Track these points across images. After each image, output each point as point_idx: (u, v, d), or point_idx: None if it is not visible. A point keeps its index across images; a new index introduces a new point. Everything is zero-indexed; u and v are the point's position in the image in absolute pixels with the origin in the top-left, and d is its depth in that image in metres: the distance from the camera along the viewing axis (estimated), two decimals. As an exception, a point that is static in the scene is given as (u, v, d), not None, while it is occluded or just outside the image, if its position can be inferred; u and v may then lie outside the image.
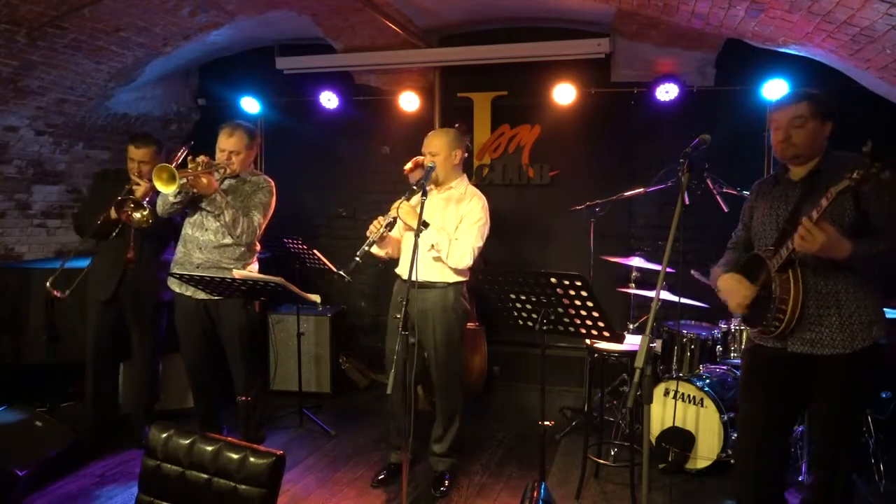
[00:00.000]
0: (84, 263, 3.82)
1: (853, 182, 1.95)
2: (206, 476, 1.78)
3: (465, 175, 3.44)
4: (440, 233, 3.17)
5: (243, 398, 3.38)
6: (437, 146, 3.26)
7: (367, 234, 3.14)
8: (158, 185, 3.20)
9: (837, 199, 2.02)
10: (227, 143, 3.44)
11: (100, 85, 4.43)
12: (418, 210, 2.87)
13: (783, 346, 2.33)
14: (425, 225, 2.93)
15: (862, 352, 2.23)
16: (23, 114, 4.23)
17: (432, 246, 3.13)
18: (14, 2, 3.28)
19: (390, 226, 3.14)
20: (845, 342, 2.23)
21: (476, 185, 4.94)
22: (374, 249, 3.23)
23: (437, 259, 3.19)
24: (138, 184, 3.59)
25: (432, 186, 3.30)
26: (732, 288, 2.40)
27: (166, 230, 3.69)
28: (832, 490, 2.32)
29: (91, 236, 3.73)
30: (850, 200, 2.14)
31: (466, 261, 3.20)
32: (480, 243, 3.25)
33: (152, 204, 3.50)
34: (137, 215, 3.50)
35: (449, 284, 3.27)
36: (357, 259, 2.95)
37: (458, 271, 3.26)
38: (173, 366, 4.28)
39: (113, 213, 3.55)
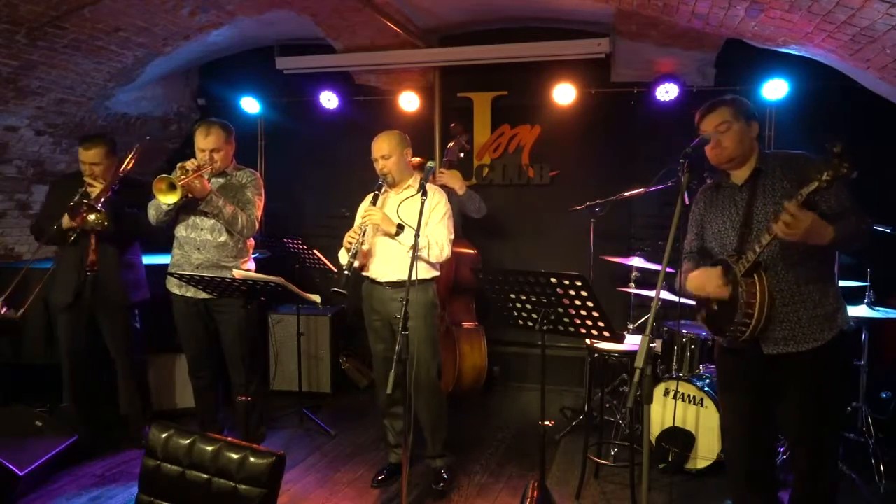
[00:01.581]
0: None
1: (824, 183, 1.96)
2: (206, 476, 1.78)
3: (416, 172, 3.48)
4: (415, 237, 3.16)
5: (243, 398, 3.38)
6: (388, 148, 3.26)
7: (346, 245, 3.18)
8: (160, 197, 3.22)
9: (811, 197, 2.03)
10: (206, 142, 3.42)
11: (100, 85, 4.43)
12: (418, 210, 2.88)
13: (757, 349, 2.34)
14: (401, 228, 3.08)
15: (832, 341, 2.26)
16: (23, 114, 4.22)
17: (411, 247, 3.13)
18: (14, 2, 3.28)
19: (365, 233, 3.17)
20: (815, 334, 2.26)
21: (476, 186, 5.02)
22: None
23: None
24: (92, 185, 3.52)
25: (388, 189, 3.33)
26: (705, 277, 2.37)
27: (127, 231, 3.66)
28: (817, 486, 2.34)
29: (48, 242, 3.65)
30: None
31: (446, 253, 3.24)
32: (452, 235, 3.31)
33: (106, 206, 3.44)
34: (92, 217, 3.41)
35: (425, 281, 3.28)
36: (346, 273, 3.10)
37: (431, 267, 3.28)
38: (172, 366, 4.29)
39: (66, 221, 3.46)
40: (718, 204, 2.47)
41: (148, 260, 4.00)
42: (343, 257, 3.27)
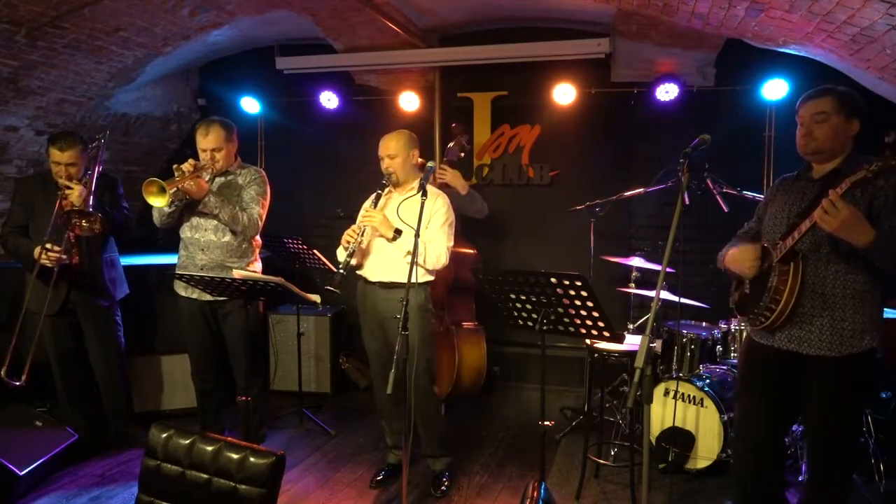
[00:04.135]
0: None
1: (870, 173, 1.92)
2: (206, 476, 1.78)
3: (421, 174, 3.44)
4: (413, 238, 3.15)
5: (244, 398, 3.38)
6: (395, 148, 3.24)
7: (344, 245, 3.17)
8: (150, 200, 3.17)
9: (853, 190, 1.99)
10: (206, 141, 3.41)
11: (100, 85, 4.43)
12: (417, 210, 2.87)
13: (771, 344, 2.33)
14: (398, 233, 3.07)
15: (851, 357, 2.20)
16: (23, 114, 4.22)
17: (408, 252, 3.12)
18: (14, 2, 3.28)
19: (363, 233, 3.16)
20: (833, 345, 2.21)
21: (476, 186, 5.02)
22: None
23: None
24: (70, 188, 3.36)
25: (392, 189, 3.31)
26: (739, 255, 2.39)
27: (119, 231, 3.63)
28: (824, 491, 2.31)
29: (17, 259, 3.57)
30: (865, 197, 2.11)
31: (443, 261, 3.21)
32: (451, 242, 3.27)
33: (96, 208, 3.36)
34: (86, 224, 3.31)
35: (419, 284, 3.24)
36: (341, 272, 3.10)
37: (428, 271, 3.25)
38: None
39: (37, 253, 3.32)
40: (789, 192, 2.42)
41: (141, 261, 3.99)
42: (341, 255, 3.26)
